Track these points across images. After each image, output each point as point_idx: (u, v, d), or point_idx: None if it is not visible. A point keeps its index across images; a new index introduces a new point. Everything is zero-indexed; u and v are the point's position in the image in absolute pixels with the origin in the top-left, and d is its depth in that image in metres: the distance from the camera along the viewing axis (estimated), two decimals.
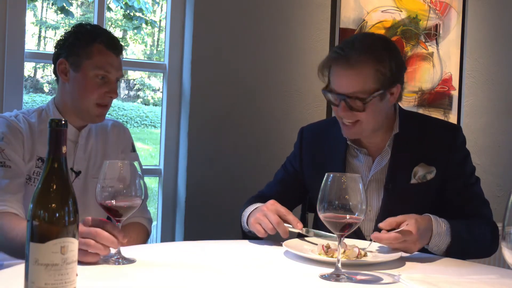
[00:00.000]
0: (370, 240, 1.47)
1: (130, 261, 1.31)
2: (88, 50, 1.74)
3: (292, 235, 1.65)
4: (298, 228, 1.53)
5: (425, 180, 1.70)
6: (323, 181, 1.27)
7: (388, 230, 1.44)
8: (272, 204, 1.58)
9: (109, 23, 10.71)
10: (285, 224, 1.53)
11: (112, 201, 1.29)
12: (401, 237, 1.41)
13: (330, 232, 1.34)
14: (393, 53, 1.68)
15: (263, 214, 1.56)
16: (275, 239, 1.71)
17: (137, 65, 3.56)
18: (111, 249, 1.30)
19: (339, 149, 1.80)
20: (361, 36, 1.76)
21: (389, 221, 1.45)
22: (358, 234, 1.70)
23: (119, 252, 1.31)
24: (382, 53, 1.65)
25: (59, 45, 1.79)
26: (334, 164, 1.78)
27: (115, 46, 1.78)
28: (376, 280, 1.26)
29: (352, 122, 1.66)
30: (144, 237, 1.80)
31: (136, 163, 1.33)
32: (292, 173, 1.91)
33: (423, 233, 1.47)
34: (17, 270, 1.15)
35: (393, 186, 1.71)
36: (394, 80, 1.67)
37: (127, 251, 1.39)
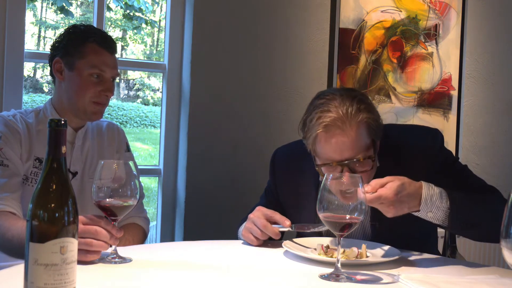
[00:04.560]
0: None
1: (126, 260, 1.31)
2: (81, 50, 1.74)
3: (289, 235, 1.64)
4: (286, 225, 1.53)
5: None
6: (323, 181, 1.27)
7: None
8: (257, 210, 1.58)
9: (109, 23, 10.71)
10: (274, 226, 1.54)
11: (108, 200, 1.30)
12: (377, 200, 1.33)
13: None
14: (372, 105, 1.55)
15: (251, 221, 1.56)
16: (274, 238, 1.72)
17: (136, 65, 3.56)
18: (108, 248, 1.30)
19: (312, 183, 1.68)
20: (339, 96, 1.49)
21: (373, 184, 1.36)
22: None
23: (116, 252, 1.32)
24: (368, 106, 1.52)
25: (54, 46, 1.79)
26: (309, 199, 1.66)
27: (108, 44, 1.78)
28: (376, 280, 1.26)
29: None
30: (141, 238, 1.80)
31: (131, 163, 1.33)
32: (273, 200, 1.82)
33: (403, 198, 1.37)
34: (17, 270, 1.15)
35: (379, 222, 1.60)
36: (379, 133, 1.54)
37: (125, 250, 1.39)
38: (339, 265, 1.25)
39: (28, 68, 10.79)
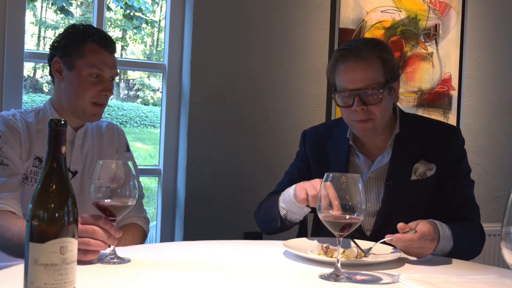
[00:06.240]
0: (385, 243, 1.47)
1: (125, 261, 1.31)
2: (81, 49, 1.74)
3: (289, 235, 1.64)
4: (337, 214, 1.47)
5: (425, 177, 1.72)
6: (323, 181, 1.27)
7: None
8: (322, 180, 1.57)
9: (109, 23, 10.71)
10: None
11: (106, 200, 1.29)
12: (422, 237, 1.40)
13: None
14: (391, 51, 1.75)
15: (311, 184, 1.54)
16: (274, 238, 1.71)
17: (136, 65, 3.55)
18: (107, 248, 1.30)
19: (341, 148, 1.83)
20: (361, 38, 1.77)
21: (401, 226, 1.43)
22: (359, 230, 1.71)
23: (114, 252, 1.31)
24: (386, 47, 1.71)
25: (53, 46, 1.79)
26: (338, 162, 1.81)
27: (107, 44, 1.78)
28: (376, 280, 1.26)
29: (365, 119, 1.67)
30: (140, 238, 1.79)
31: (130, 163, 1.33)
32: (303, 167, 1.92)
33: (435, 235, 1.47)
34: (17, 270, 1.15)
35: (393, 182, 1.73)
36: (396, 75, 1.72)
37: (124, 251, 1.39)
38: (339, 265, 1.25)
39: (28, 68, 10.78)
